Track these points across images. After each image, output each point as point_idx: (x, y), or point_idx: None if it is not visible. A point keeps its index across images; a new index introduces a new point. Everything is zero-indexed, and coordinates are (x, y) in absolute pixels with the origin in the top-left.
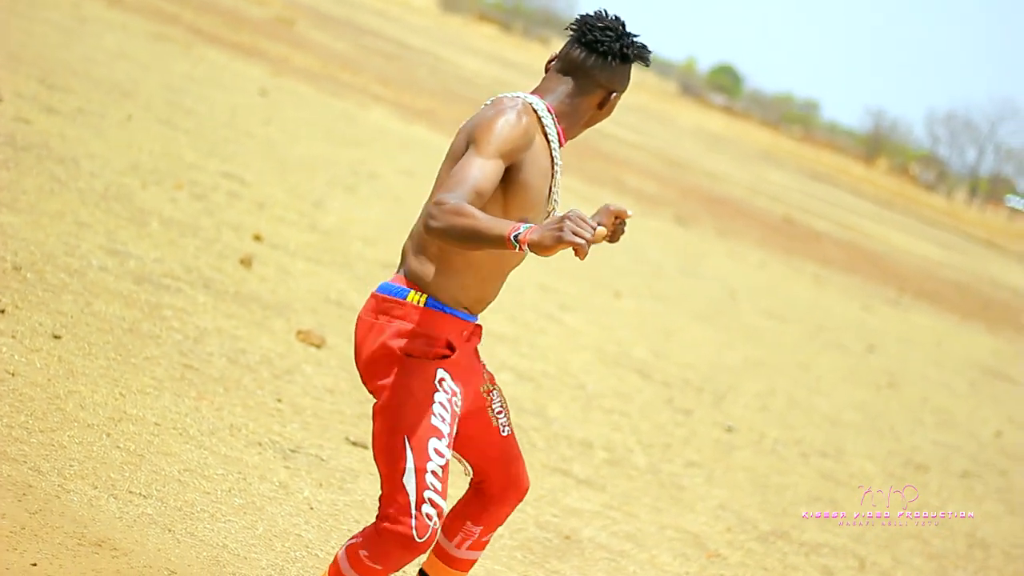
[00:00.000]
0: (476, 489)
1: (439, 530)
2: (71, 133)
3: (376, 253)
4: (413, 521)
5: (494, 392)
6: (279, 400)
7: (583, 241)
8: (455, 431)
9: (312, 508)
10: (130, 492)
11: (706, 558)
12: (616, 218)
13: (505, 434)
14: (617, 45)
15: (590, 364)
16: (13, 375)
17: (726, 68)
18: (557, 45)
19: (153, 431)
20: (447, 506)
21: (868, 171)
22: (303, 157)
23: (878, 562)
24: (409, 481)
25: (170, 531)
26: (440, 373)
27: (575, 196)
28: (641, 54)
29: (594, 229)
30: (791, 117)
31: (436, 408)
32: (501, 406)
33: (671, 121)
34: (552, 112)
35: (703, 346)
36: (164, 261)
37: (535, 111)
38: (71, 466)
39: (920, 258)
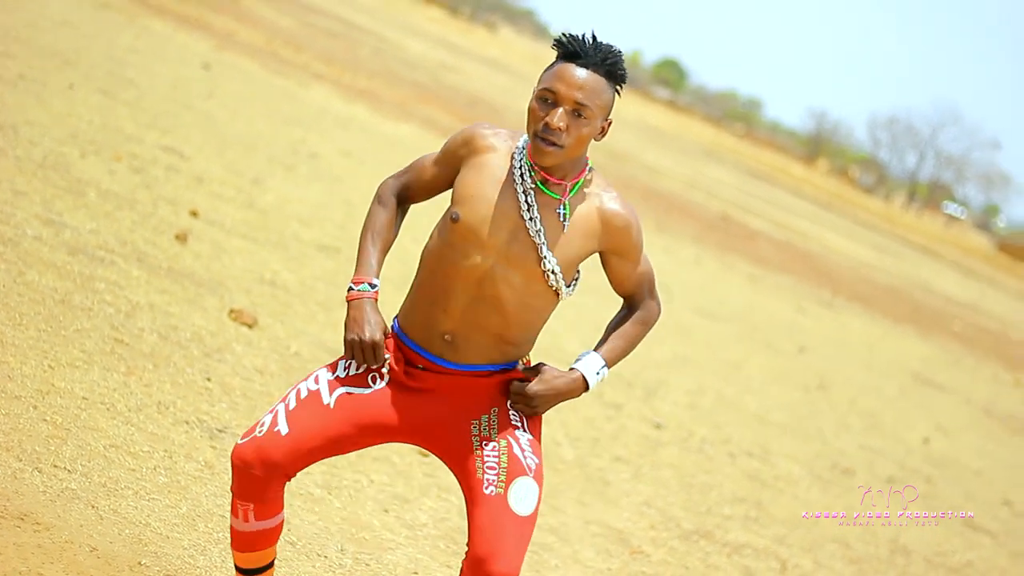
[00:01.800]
0: (464, 561)
1: (272, 456)
2: (11, 100)
3: (312, 234)
4: (250, 426)
5: (491, 443)
6: (208, 379)
7: (354, 359)
8: (356, 394)
9: None
10: (55, 466)
11: (629, 555)
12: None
13: (487, 492)
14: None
15: None
16: None
17: (671, 62)
18: (504, 31)
19: (81, 405)
20: (292, 436)
21: (808, 171)
22: (243, 133)
23: (800, 564)
24: (276, 401)
25: (93, 507)
26: (386, 358)
27: None
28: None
29: (365, 365)
30: (734, 114)
31: (351, 363)
32: (496, 462)
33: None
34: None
35: None
36: (99, 233)
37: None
38: None
39: (855, 261)
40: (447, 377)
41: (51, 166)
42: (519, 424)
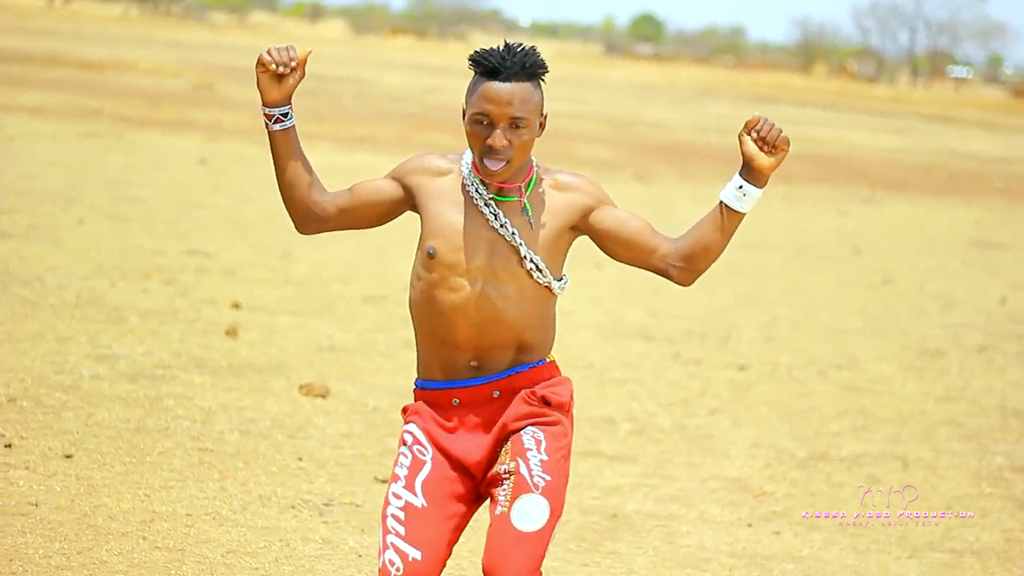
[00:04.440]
0: None
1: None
2: (28, 252)
3: (354, 290)
4: (380, 569)
5: (503, 467)
6: (300, 459)
7: (267, 57)
8: (425, 475)
9: (360, 555)
10: None
11: (753, 499)
12: (754, 131)
13: (496, 512)
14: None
15: (590, 341)
16: (36, 505)
17: (646, 17)
18: (475, 39)
19: (186, 523)
20: (423, 553)
21: (807, 80)
22: (259, 214)
23: (920, 457)
24: (379, 530)
25: None
26: (406, 427)
27: None
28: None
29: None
30: (720, 48)
31: (400, 458)
32: (507, 483)
33: (603, 83)
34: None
35: (693, 295)
36: (152, 353)
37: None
38: None
39: (880, 150)
40: (486, 405)
41: (86, 303)
42: (532, 447)
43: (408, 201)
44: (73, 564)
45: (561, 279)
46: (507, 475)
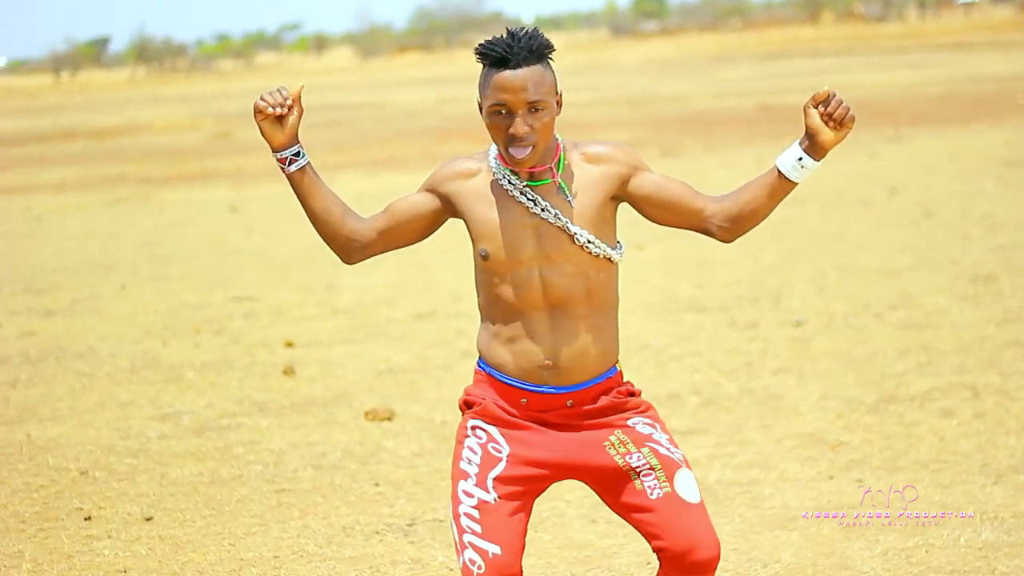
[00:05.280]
0: (660, 558)
1: (506, 573)
2: (76, 326)
3: (403, 310)
4: (462, 571)
5: (635, 455)
6: (376, 484)
7: (261, 103)
8: (497, 472)
9: (451, 569)
10: None
11: (831, 451)
12: (821, 105)
13: (654, 497)
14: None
15: (643, 321)
16: (125, 572)
17: None
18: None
19: (275, 565)
20: (502, 547)
21: (816, 30)
22: (297, 251)
23: (989, 383)
24: (453, 531)
25: None
26: (472, 422)
27: None
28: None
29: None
30: (725, 12)
31: (465, 452)
32: (649, 468)
33: (615, 65)
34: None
35: (739, 259)
36: (214, 405)
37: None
38: None
39: (900, 87)
40: (557, 410)
41: (141, 367)
42: (651, 432)
43: (448, 210)
44: None
45: (616, 247)
46: (643, 463)
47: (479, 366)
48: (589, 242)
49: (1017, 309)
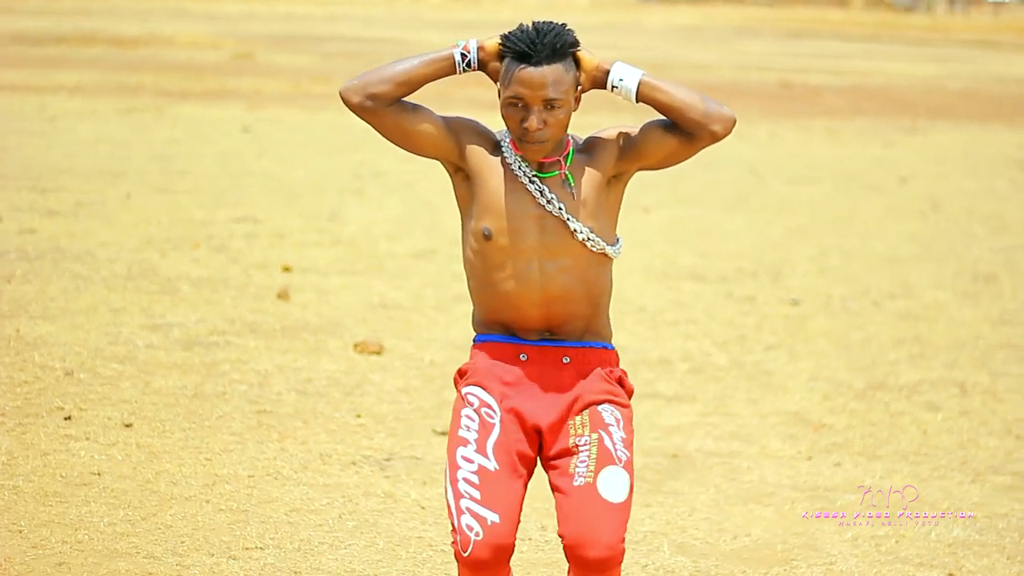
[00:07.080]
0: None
1: (503, 542)
2: (78, 228)
3: (404, 246)
4: (457, 536)
5: (584, 437)
6: (358, 416)
7: None
8: (495, 438)
9: (423, 507)
10: (246, 548)
11: (813, 432)
12: None
13: (577, 484)
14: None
15: (642, 285)
16: (99, 475)
17: None
18: None
19: (249, 484)
20: (501, 516)
21: (845, 13)
22: (305, 177)
23: (978, 382)
24: (448, 497)
25: (296, 573)
26: (465, 390)
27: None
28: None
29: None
30: None
31: (463, 420)
32: (587, 454)
33: (640, 28)
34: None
35: (744, 232)
36: (206, 320)
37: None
38: (183, 542)
39: (922, 80)
40: (553, 368)
41: (137, 276)
42: (613, 423)
43: (458, 156)
44: (138, 530)
45: (615, 243)
46: (585, 447)
47: (475, 341)
48: (588, 239)
49: (1014, 311)
